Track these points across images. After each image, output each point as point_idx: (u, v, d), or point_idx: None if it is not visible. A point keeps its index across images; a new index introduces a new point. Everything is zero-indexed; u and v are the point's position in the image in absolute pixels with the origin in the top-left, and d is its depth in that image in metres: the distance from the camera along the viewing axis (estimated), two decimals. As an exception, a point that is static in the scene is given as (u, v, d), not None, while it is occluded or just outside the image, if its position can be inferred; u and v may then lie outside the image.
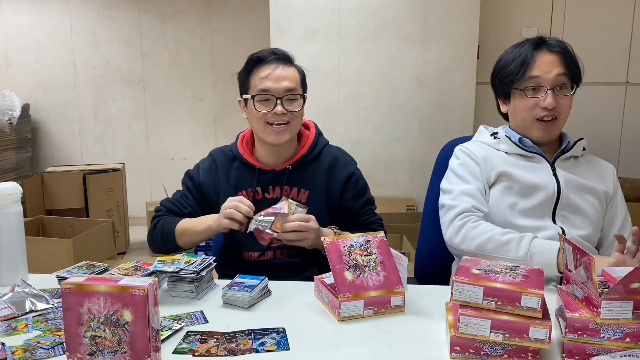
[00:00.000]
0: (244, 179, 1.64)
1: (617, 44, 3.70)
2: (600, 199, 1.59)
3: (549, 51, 1.55)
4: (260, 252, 1.62)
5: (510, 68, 1.57)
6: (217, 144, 1.91)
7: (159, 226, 1.65)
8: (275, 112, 1.54)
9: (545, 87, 1.53)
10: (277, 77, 1.55)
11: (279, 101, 1.54)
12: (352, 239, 1.31)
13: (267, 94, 1.55)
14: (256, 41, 4.38)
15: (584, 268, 1.03)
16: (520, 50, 1.57)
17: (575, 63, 1.57)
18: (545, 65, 1.53)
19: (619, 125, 3.83)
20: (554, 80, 1.52)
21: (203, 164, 1.70)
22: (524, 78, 1.54)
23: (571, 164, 1.61)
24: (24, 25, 4.53)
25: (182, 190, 1.70)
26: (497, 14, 3.70)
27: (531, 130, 1.59)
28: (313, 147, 1.66)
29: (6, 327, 1.19)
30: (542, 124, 1.56)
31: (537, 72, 1.53)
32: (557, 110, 1.54)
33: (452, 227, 1.52)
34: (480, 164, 1.59)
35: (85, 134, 4.71)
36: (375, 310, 1.24)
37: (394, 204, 3.42)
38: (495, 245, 1.44)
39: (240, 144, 1.69)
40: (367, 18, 3.39)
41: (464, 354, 1.04)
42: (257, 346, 1.10)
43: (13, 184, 1.41)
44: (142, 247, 4.16)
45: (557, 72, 1.53)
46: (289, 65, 1.60)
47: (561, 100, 1.54)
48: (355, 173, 1.68)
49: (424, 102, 3.49)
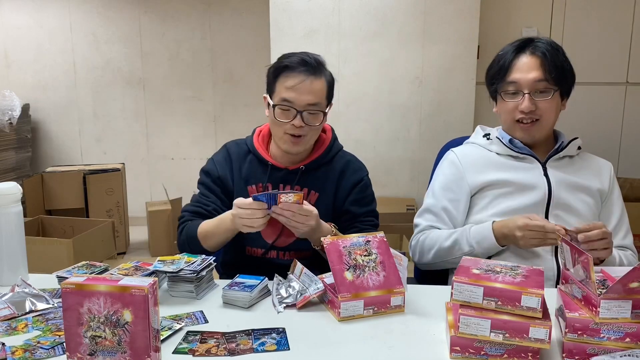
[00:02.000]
0: (255, 173, 1.63)
1: (617, 44, 3.70)
2: (595, 197, 1.59)
3: (530, 54, 1.54)
4: (264, 249, 1.63)
5: (492, 71, 1.60)
6: (217, 144, 1.91)
7: (183, 233, 1.62)
8: (293, 124, 1.53)
9: (522, 92, 1.53)
10: (302, 90, 1.51)
11: (299, 114, 1.52)
12: (352, 239, 1.31)
13: (288, 105, 1.52)
14: (256, 41, 4.39)
15: (582, 267, 1.03)
16: (504, 53, 1.58)
17: (559, 66, 1.54)
18: (523, 69, 1.54)
19: (619, 125, 3.82)
20: (532, 84, 1.52)
21: (217, 156, 1.69)
22: (504, 82, 1.56)
23: (565, 164, 1.61)
24: (24, 25, 4.53)
25: (201, 190, 1.68)
26: (497, 14, 3.70)
27: (514, 131, 1.60)
28: (328, 151, 1.66)
29: (6, 327, 1.19)
30: (522, 125, 1.57)
31: (515, 76, 1.54)
32: (536, 113, 1.54)
33: (412, 247, 1.65)
34: (465, 170, 1.61)
35: (85, 134, 4.71)
36: (375, 310, 1.24)
37: (394, 204, 3.41)
38: (445, 252, 1.56)
39: (256, 139, 1.68)
40: (367, 18, 3.39)
41: (464, 354, 1.04)
42: (257, 346, 1.10)
43: (13, 184, 1.41)
44: (142, 247, 4.17)
45: (535, 77, 1.52)
46: (318, 77, 1.54)
47: (540, 104, 1.53)
48: (364, 180, 1.68)
49: (424, 102, 3.48)
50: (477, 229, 1.53)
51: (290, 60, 1.54)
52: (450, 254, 1.55)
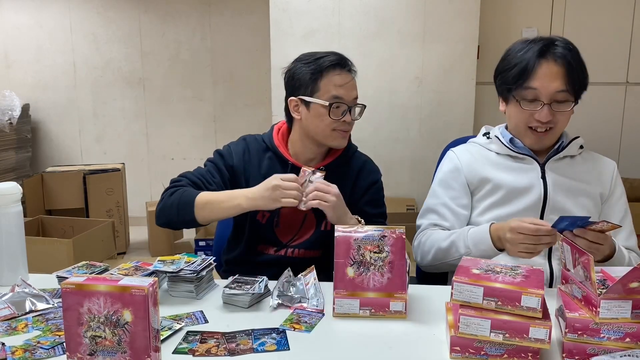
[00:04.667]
0: (275, 171, 1.62)
1: (617, 44, 3.70)
2: (595, 199, 1.56)
3: (553, 61, 1.47)
4: (277, 247, 1.64)
5: (511, 73, 1.51)
6: (217, 144, 1.91)
7: (176, 194, 1.55)
8: (345, 120, 1.57)
9: (542, 102, 1.47)
10: (351, 87, 1.58)
11: (349, 110, 1.57)
12: (368, 231, 1.25)
13: (341, 101, 1.56)
14: (256, 41, 4.39)
15: (583, 268, 1.03)
16: (525, 55, 1.49)
17: (579, 76, 1.49)
18: (546, 78, 1.46)
19: (619, 125, 3.83)
20: (553, 95, 1.47)
21: (236, 147, 1.68)
22: (522, 87, 1.49)
23: (565, 164, 1.57)
24: (24, 25, 4.53)
25: (208, 167, 1.65)
26: (497, 14, 3.70)
27: (524, 137, 1.56)
28: (346, 152, 1.68)
29: (6, 327, 1.19)
30: (535, 133, 1.53)
31: (537, 83, 1.47)
32: (552, 122, 1.49)
33: (414, 248, 1.64)
34: (462, 167, 1.61)
35: (85, 134, 4.71)
36: (372, 312, 1.23)
37: (394, 204, 3.41)
38: (443, 254, 1.54)
39: (275, 137, 1.68)
40: (367, 18, 3.39)
41: (464, 354, 1.04)
42: (257, 346, 1.10)
43: (13, 184, 1.41)
44: (142, 247, 4.16)
45: (557, 88, 1.46)
46: (354, 74, 1.62)
47: (557, 114, 1.49)
48: (379, 182, 1.72)
49: (424, 102, 3.48)
50: (475, 230, 1.50)
51: (335, 58, 1.58)
52: (448, 255, 1.53)
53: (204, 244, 3.61)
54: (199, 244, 3.62)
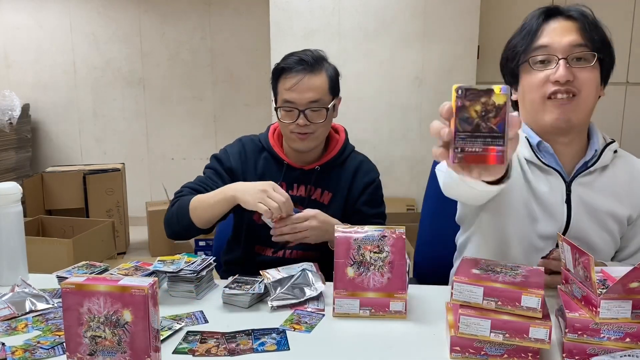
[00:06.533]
0: (270, 171, 1.63)
1: (617, 44, 3.67)
2: (621, 222, 1.36)
3: (563, 18, 1.27)
4: (275, 249, 1.64)
5: (515, 41, 1.31)
6: (217, 144, 1.91)
7: (176, 204, 1.58)
8: (297, 123, 1.53)
9: (557, 57, 1.23)
10: (301, 89, 1.51)
11: (301, 114, 1.52)
12: (368, 232, 1.25)
13: (290, 105, 1.53)
14: (256, 41, 4.39)
15: (583, 268, 1.03)
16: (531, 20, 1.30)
17: (599, 31, 1.27)
18: (556, 32, 1.25)
19: (619, 125, 3.83)
20: (568, 48, 1.23)
21: (232, 148, 1.68)
22: (531, 48, 1.26)
23: (595, 177, 1.34)
24: (24, 25, 4.53)
25: (208, 173, 1.66)
26: (497, 14, 3.70)
27: (543, 114, 1.27)
28: (341, 152, 1.67)
29: (6, 327, 1.19)
30: (555, 103, 1.24)
31: (546, 39, 1.25)
32: (574, 84, 1.23)
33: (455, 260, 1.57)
34: None
35: (85, 134, 4.71)
36: (372, 312, 1.23)
37: (394, 204, 3.41)
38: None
39: (271, 137, 1.68)
40: (367, 18, 3.40)
41: (464, 354, 1.04)
42: (257, 346, 1.10)
43: (13, 184, 1.41)
44: (142, 247, 4.17)
45: (572, 42, 1.23)
46: (317, 73, 1.54)
47: (579, 74, 1.23)
48: (376, 181, 1.70)
49: (424, 102, 3.49)
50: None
51: (287, 62, 1.55)
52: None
53: (203, 244, 3.62)
54: (199, 244, 3.62)
